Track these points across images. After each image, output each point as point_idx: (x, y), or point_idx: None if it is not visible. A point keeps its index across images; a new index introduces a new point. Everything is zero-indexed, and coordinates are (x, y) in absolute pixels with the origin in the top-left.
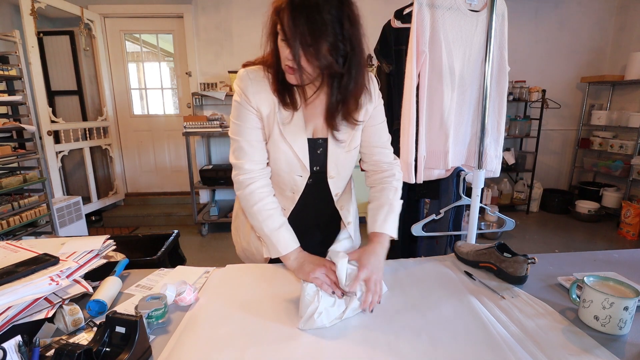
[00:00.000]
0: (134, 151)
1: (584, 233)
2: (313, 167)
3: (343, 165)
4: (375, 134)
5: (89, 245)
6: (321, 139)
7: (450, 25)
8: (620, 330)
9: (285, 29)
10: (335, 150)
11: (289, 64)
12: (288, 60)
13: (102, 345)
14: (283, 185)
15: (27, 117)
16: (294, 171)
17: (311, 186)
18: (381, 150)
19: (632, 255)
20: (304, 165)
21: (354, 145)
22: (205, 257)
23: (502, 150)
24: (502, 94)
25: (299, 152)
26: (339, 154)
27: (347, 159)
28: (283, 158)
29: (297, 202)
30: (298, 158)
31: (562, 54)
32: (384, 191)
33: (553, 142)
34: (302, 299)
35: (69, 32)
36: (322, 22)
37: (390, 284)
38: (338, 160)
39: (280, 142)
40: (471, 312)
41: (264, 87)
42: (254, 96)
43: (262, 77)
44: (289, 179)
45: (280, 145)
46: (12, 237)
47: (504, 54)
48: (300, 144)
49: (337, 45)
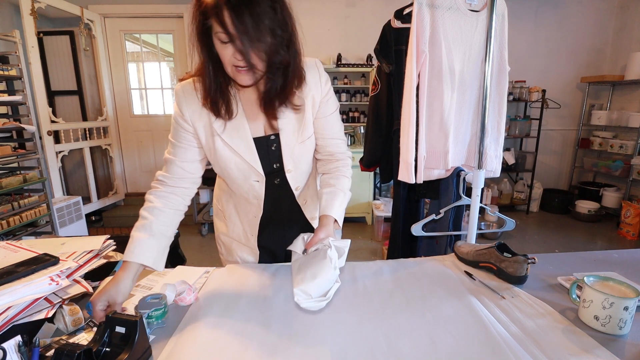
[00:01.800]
0: (134, 151)
1: (584, 233)
2: (273, 165)
3: (299, 157)
4: (327, 125)
5: (89, 245)
6: (273, 135)
7: (450, 25)
8: (620, 330)
9: (229, 28)
10: (289, 142)
11: (240, 64)
12: (238, 61)
13: (102, 345)
14: (246, 193)
15: (27, 117)
16: (249, 177)
17: (277, 187)
18: (334, 141)
19: (632, 255)
20: (255, 170)
21: (307, 135)
22: (205, 257)
23: (502, 150)
24: (502, 94)
25: (246, 155)
26: (293, 146)
27: (303, 150)
28: (233, 166)
29: (264, 207)
30: (247, 162)
31: (562, 54)
32: (340, 179)
33: (553, 142)
34: (327, 270)
35: (69, 32)
36: (263, 13)
37: (391, 284)
38: (293, 153)
39: (225, 150)
40: (471, 312)
41: (196, 101)
42: (187, 111)
43: (194, 88)
44: (247, 187)
45: (225, 154)
46: (12, 237)
47: (504, 54)
48: (246, 147)
49: (276, 31)
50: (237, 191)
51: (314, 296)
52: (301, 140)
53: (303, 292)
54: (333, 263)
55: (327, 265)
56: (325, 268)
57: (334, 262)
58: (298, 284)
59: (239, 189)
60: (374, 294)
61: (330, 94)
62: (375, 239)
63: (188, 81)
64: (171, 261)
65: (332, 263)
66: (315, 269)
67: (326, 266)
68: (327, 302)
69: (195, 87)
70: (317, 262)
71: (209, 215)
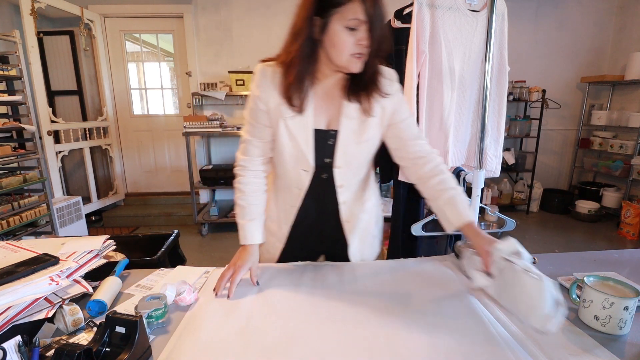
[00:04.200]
0: (134, 151)
1: (584, 233)
2: (324, 159)
3: (352, 155)
4: (406, 128)
5: (89, 245)
6: (333, 131)
7: (450, 25)
8: (620, 330)
9: (369, 11)
10: (346, 140)
11: (363, 51)
12: (361, 47)
13: (102, 345)
14: (290, 181)
15: (27, 117)
16: (299, 165)
17: (322, 182)
18: (417, 141)
19: (632, 255)
20: (306, 159)
21: (366, 137)
22: (205, 257)
23: (502, 150)
24: (502, 94)
25: (302, 144)
26: (349, 144)
27: (358, 150)
28: (287, 151)
29: (305, 199)
30: (301, 150)
31: (562, 54)
32: (446, 182)
33: (553, 142)
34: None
35: (69, 32)
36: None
37: (391, 284)
38: (347, 150)
39: (285, 135)
40: (471, 312)
41: (276, 83)
42: (265, 91)
43: (275, 72)
44: (294, 173)
45: (285, 138)
46: (12, 237)
47: (504, 54)
48: (305, 136)
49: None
50: (283, 176)
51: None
52: (359, 141)
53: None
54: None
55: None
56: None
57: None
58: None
59: (286, 174)
60: (374, 294)
61: (402, 101)
62: None
63: (269, 64)
64: (171, 261)
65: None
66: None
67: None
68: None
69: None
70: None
71: (209, 216)
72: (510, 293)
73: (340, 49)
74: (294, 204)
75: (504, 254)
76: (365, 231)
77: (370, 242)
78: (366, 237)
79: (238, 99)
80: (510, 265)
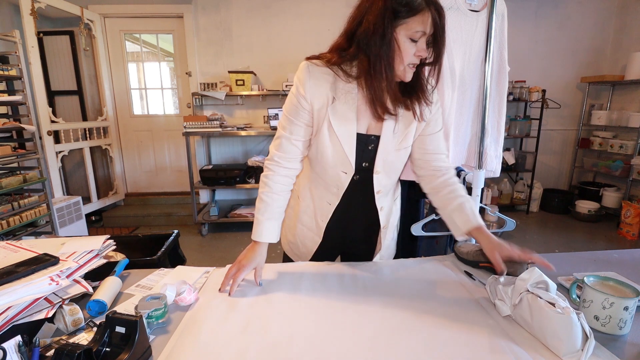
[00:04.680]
0: (134, 151)
1: (584, 233)
2: (362, 164)
3: (391, 162)
4: (433, 141)
5: (89, 245)
6: (374, 136)
7: (451, 25)
8: (620, 330)
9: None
10: (387, 146)
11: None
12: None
13: (102, 345)
14: (329, 180)
15: (27, 117)
16: (339, 166)
17: (357, 183)
18: (439, 156)
19: (632, 255)
20: (349, 162)
21: (405, 144)
22: (205, 257)
23: (502, 150)
24: (502, 94)
25: (346, 147)
26: (389, 151)
27: (397, 157)
28: (329, 153)
29: (342, 198)
30: (344, 153)
31: (562, 54)
32: (457, 191)
33: (553, 142)
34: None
35: (69, 32)
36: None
37: (391, 284)
38: (387, 157)
39: (328, 137)
40: (471, 312)
41: (322, 82)
42: (310, 90)
43: (324, 72)
44: (333, 174)
45: (327, 140)
46: (12, 237)
47: (503, 53)
48: (348, 139)
49: None
50: (322, 176)
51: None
52: (398, 148)
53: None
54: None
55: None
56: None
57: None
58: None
59: (324, 174)
60: (374, 294)
61: (438, 113)
62: None
63: (316, 62)
64: (171, 261)
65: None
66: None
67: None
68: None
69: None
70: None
71: (209, 216)
72: (537, 325)
73: (401, 58)
74: (331, 201)
75: (528, 285)
76: (393, 235)
77: (392, 245)
78: (392, 241)
79: (238, 99)
80: (534, 298)
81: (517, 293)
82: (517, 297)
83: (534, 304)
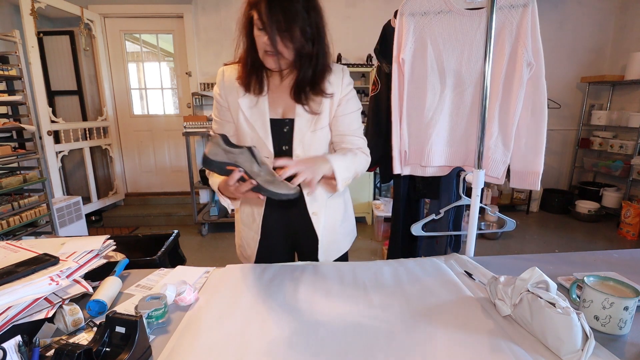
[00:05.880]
0: (134, 151)
1: (584, 233)
2: (282, 147)
3: (309, 144)
4: (344, 122)
5: (89, 245)
6: (288, 119)
7: (441, 28)
8: (620, 330)
9: (263, 18)
10: (302, 128)
11: (268, 49)
12: (267, 46)
13: (102, 345)
14: None
15: (27, 117)
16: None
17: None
18: (351, 138)
19: (632, 255)
20: (266, 146)
21: (320, 125)
22: (205, 257)
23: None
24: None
25: (260, 132)
26: (305, 132)
27: (313, 138)
28: (249, 140)
29: None
30: (260, 138)
31: (562, 54)
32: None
33: (553, 142)
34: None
35: (69, 32)
36: (294, 10)
37: (391, 284)
38: (304, 139)
39: (244, 125)
40: (471, 312)
41: (232, 79)
42: (223, 89)
43: (234, 70)
44: None
45: (244, 128)
46: (12, 237)
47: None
48: (262, 124)
49: (305, 29)
50: None
51: (579, 348)
52: (313, 129)
53: (571, 354)
54: (557, 311)
55: (556, 320)
56: (554, 324)
57: (557, 307)
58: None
59: None
60: (374, 294)
61: (350, 95)
62: (375, 239)
63: (230, 65)
64: (171, 261)
65: (556, 313)
66: (549, 333)
67: (554, 321)
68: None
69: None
70: (545, 323)
71: (209, 215)
72: (537, 325)
73: (257, 46)
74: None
75: (528, 285)
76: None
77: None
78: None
79: None
80: (535, 298)
81: (517, 293)
82: (517, 297)
83: (534, 304)
